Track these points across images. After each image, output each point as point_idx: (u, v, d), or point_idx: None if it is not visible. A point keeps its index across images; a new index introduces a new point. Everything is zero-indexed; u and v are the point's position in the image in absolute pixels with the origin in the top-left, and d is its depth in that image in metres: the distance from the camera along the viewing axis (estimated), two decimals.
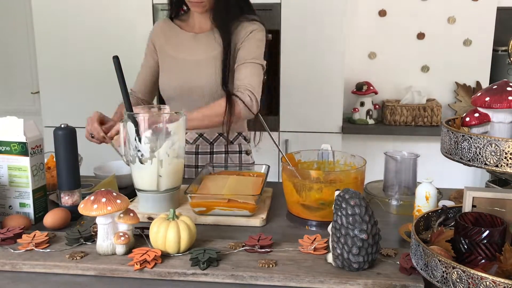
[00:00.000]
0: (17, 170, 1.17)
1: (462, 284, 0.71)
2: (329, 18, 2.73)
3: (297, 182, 1.15)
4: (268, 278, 0.88)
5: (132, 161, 1.20)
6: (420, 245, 0.79)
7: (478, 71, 2.96)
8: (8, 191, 1.19)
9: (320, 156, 1.30)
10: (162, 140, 1.18)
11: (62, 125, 1.18)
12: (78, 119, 2.87)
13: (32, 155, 1.16)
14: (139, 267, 0.90)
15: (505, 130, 0.76)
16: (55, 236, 1.05)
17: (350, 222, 0.88)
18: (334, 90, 2.81)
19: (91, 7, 2.83)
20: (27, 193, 1.18)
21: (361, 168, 1.17)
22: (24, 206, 1.18)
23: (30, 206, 1.18)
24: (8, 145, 1.16)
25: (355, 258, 0.88)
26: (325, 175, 1.15)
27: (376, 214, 0.94)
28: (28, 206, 1.18)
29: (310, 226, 1.15)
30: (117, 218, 0.97)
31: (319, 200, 1.13)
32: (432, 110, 2.84)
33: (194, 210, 1.19)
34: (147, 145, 1.17)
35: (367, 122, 2.95)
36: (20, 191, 1.18)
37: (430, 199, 1.06)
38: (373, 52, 3.06)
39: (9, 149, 1.16)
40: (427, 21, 2.96)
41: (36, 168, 1.18)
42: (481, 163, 0.71)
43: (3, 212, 1.20)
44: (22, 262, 0.94)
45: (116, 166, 1.55)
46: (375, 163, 1.53)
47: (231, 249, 0.98)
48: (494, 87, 0.77)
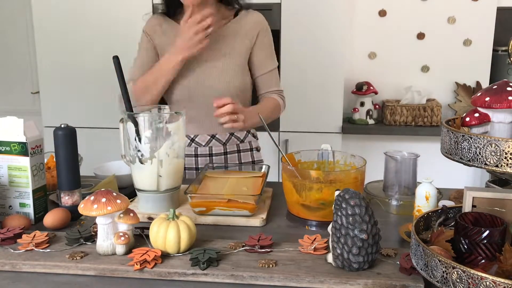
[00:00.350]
0: (17, 170, 1.17)
1: (462, 284, 0.71)
2: (329, 18, 2.73)
3: (297, 182, 1.15)
4: (268, 278, 0.88)
5: (132, 161, 1.20)
6: (420, 245, 0.79)
7: (478, 71, 2.96)
8: (8, 191, 1.19)
9: (320, 156, 1.30)
10: (162, 140, 1.18)
11: (62, 125, 1.18)
12: (78, 119, 2.89)
13: (32, 155, 1.16)
14: (139, 267, 0.90)
15: (505, 130, 0.76)
16: (55, 236, 1.05)
17: (350, 222, 0.88)
18: (334, 90, 2.81)
19: (91, 7, 2.83)
20: (27, 193, 1.18)
21: (361, 168, 1.17)
22: (24, 206, 1.18)
23: (30, 206, 1.18)
24: (8, 145, 1.16)
25: (355, 258, 0.88)
26: (325, 175, 1.15)
27: (376, 214, 0.94)
28: (28, 206, 1.18)
29: (310, 226, 1.15)
30: (117, 218, 0.97)
31: (319, 200, 1.13)
32: (432, 110, 2.84)
33: (194, 210, 1.19)
34: (147, 145, 1.17)
35: (367, 122, 2.95)
36: (20, 191, 1.18)
37: (430, 199, 1.06)
38: (373, 52, 3.06)
39: (9, 149, 1.16)
40: (427, 21, 2.96)
41: (36, 168, 1.18)
42: (481, 163, 0.71)
43: (3, 212, 1.20)
44: (22, 262, 0.94)
45: (116, 166, 1.55)
46: (375, 163, 1.53)
47: (231, 249, 0.98)
48: (494, 87, 0.77)
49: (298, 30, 2.76)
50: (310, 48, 2.77)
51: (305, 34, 2.76)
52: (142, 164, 1.18)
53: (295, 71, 2.81)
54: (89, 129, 2.84)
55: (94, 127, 2.89)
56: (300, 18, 2.74)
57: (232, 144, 1.66)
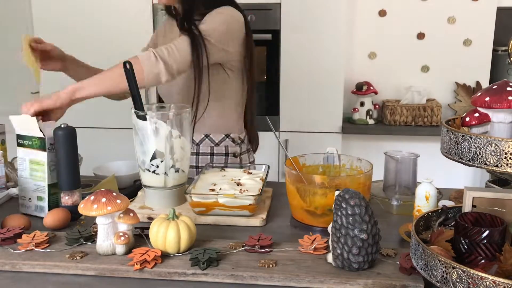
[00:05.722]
0: (36, 164, 1.22)
1: (462, 284, 0.71)
2: (329, 18, 2.73)
3: (301, 187, 1.12)
4: (268, 278, 0.88)
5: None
6: (420, 245, 0.79)
7: (478, 71, 2.96)
8: (29, 184, 1.24)
9: (326, 160, 1.28)
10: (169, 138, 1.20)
11: (62, 125, 1.19)
12: (78, 119, 2.88)
13: (50, 150, 1.20)
14: (139, 267, 0.90)
15: (505, 130, 0.76)
16: (55, 236, 1.05)
17: (350, 222, 0.88)
18: (334, 90, 2.81)
19: (91, 7, 2.83)
20: (43, 187, 1.21)
21: (367, 172, 1.14)
22: (40, 199, 1.23)
23: (45, 200, 1.21)
24: (30, 140, 1.22)
25: (355, 258, 0.88)
26: (329, 180, 1.11)
27: (376, 214, 0.94)
28: (43, 200, 1.22)
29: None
30: (117, 218, 0.97)
31: (325, 206, 1.09)
32: (432, 110, 2.84)
33: (194, 210, 1.19)
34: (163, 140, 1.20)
35: (367, 122, 2.95)
36: (38, 185, 1.22)
37: (430, 199, 1.06)
38: (373, 52, 3.06)
39: (31, 143, 1.22)
40: (427, 21, 2.96)
41: (53, 164, 1.21)
42: (481, 163, 0.71)
43: (23, 204, 1.25)
44: (22, 262, 0.94)
45: (116, 166, 1.55)
46: (375, 163, 1.52)
47: (231, 249, 0.98)
48: (494, 87, 0.77)
49: (298, 30, 2.75)
50: (310, 48, 2.77)
51: (305, 34, 2.76)
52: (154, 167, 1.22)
53: (295, 71, 2.81)
54: (89, 129, 2.83)
55: (94, 127, 2.89)
56: (300, 18, 2.74)
57: (206, 146, 1.61)
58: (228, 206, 1.16)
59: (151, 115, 1.19)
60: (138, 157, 1.23)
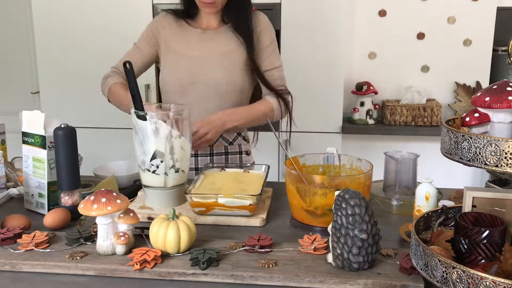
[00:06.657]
0: (38, 161, 1.23)
1: (462, 284, 0.71)
2: (329, 18, 2.73)
3: (300, 187, 1.12)
4: (268, 278, 0.88)
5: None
6: (420, 245, 0.79)
7: (478, 71, 2.96)
8: (32, 181, 1.26)
9: (326, 160, 1.28)
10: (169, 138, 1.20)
11: (62, 125, 1.19)
12: (78, 119, 2.88)
13: (50, 148, 1.22)
14: (139, 267, 0.90)
15: (505, 130, 0.76)
16: (55, 236, 1.05)
17: (350, 222, 0.88)
18: (334, 90, 2.80)
19: (91, 7, 2.83)
20: (43, 184, 1.23)
21: (367, 172, 1.14)
22: (41, 196, 1.24)
23: (45, 197, 1.23)
24: (33, 137, 1.24)
25: (355, 258, 0.88)
26: (329, 180, 1.11)
27: (376, 214, 0.94)
28: (44, 197, 1.23)
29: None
30: (117, 218, 0.97)
31: (325, 206, 1.09)
32: (432, 110, 2.84)
33: (194, 210, 1.19)
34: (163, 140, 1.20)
35: (367, 122, 2.95)
36: (39, 182, 1.24)
37: (430, 199, 1.06)
38: (373, 52, 3.06)
39: (33, 141, 1.24)
40: (427, 21, 2.96)
41: (53, 162, 1.22)
42: (481, 163, 0.71)
43: (27, 200, 1.28)
44: (22, 262, 0.94)
45: (116, 166, 1.55)
46: (375, 163, 1.52)
47: (231, 249, 0.98)
48: (494, 87, 0.77)
49: (298, 30, 2.75)
50: (310, 48, 2.77)
51: (305, 34, 2.75)
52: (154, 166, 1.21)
53: (295, 71, 2.80)
54: (89, 129, 2.83)
55: (94, 127, 2.89)
56: (300, 18, 2.74)
57: (220, 145, 1.64)
58: (228, 206, 1.16)
59: (151, 115, 1.19)
60: (138, 157, 1.23)
